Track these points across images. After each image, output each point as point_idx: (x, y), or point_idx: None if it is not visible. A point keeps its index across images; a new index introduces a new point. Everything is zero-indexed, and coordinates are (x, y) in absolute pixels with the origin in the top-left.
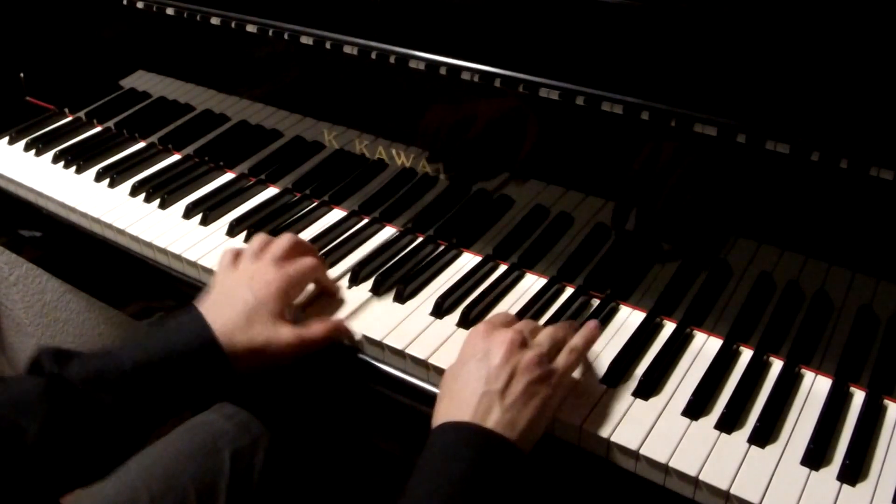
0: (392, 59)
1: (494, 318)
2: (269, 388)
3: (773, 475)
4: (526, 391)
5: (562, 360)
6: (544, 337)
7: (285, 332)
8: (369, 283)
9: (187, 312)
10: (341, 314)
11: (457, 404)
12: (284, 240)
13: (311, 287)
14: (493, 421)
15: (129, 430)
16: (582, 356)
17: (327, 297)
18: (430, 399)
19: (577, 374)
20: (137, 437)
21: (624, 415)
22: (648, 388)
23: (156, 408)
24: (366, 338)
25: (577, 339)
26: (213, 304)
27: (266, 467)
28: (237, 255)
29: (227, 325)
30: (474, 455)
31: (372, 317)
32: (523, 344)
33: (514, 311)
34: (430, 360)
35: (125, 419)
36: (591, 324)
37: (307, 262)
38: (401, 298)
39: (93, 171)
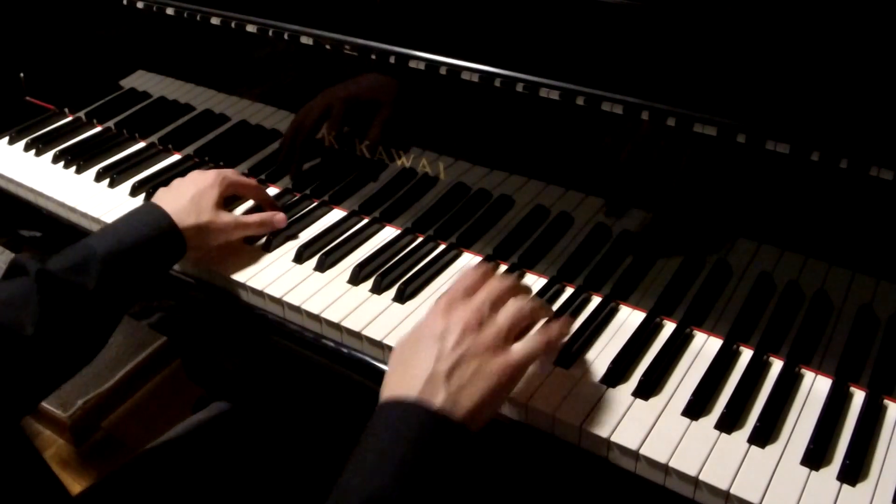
0: (392, 59)
1: (458, 288)
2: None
3: (773, 475)
4: (475, 373)
5: (522, 346)
6: (505, 315)
7: (224, 215)
8: (369, 283)
9: (146, 205)
10: (344, 313)
11: (405, 381)
12: (228, 170)
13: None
14: (439, 401)
15: (108, 311)
16: (545, 348)
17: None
18: None
19: (576, 374)
20: (114, 318)
21: (624, 415)
22: (648, 388)
23: (129, 287)
24: (367, 338)
25: (546, 329)
26: (166, 197)
27: (258, 464)
28: None
29: (180, 212)
30: (417, 435)
31: (372, 317)
32: (481, 322)
33: None
34: None
35: (105, 300)
36: (564, 318)
37: (247, 179)
38: (401, 298)
39: (93, 171)
